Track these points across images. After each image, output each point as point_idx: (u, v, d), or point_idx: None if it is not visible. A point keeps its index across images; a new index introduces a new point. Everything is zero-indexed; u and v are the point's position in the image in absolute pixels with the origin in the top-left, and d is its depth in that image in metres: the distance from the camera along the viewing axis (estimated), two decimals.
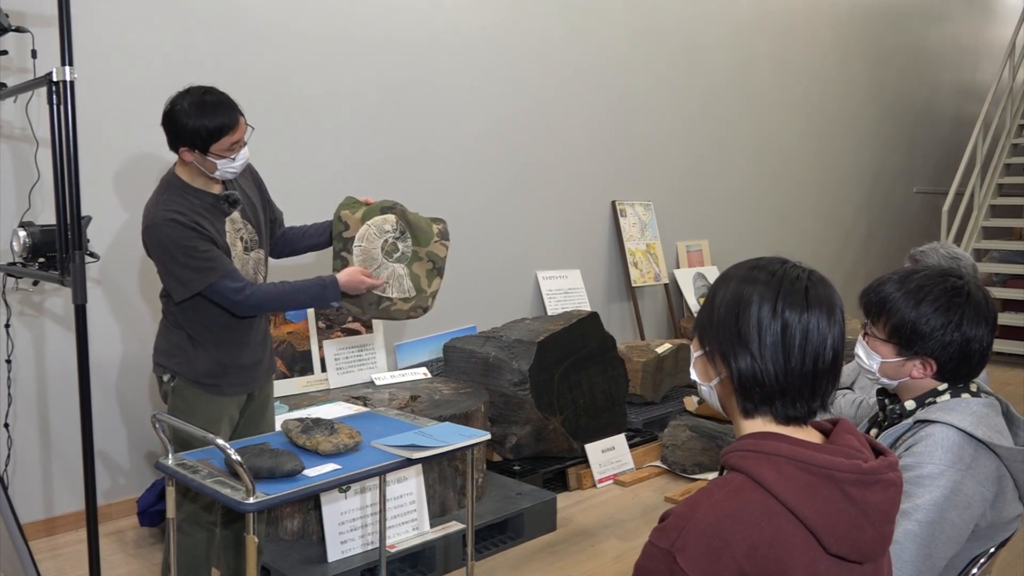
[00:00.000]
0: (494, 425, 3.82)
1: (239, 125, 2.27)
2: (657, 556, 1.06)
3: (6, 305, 3.07)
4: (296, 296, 2.39)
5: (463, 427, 2.33)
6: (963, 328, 1.59)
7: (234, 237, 2.38)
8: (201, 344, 2.37)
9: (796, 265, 1.16)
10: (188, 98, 2.24)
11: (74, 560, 3.13)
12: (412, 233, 2.66)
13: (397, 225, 2.65)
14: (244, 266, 2.39)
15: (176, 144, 2.27)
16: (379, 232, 2.61)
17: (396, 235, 2.64)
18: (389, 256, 2.60)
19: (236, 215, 2.39)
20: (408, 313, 2.66)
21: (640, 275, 5.51)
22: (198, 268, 2.24)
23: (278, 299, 2.37)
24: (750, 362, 1.11)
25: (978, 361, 1.62)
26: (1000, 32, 9.60)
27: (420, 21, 4.38)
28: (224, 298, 2.28)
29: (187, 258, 2.24)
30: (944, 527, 1.48)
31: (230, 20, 3.70)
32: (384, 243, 2.60)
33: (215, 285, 2.25)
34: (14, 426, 3.21)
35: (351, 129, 4.16)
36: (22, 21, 2.98)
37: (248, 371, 2.45)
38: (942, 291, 1.61)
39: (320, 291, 2.41)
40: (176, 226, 2.23)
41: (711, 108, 6.15)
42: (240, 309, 2.31)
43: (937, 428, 1.55)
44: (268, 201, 2.59)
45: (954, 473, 1.50)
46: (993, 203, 7.82)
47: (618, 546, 3.30)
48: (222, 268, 2.26)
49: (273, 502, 1.81)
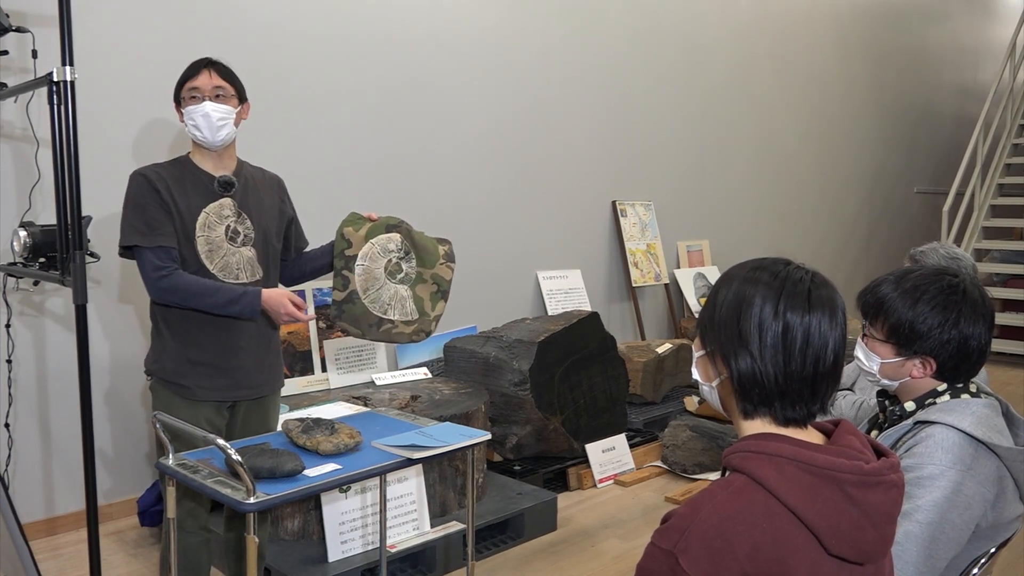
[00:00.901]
0: (494, 425, 3.82)
1: (200, 73, 2.32)
2: (659, 557, 1.06)
3: (7, 305, 3.08)
4: (210, 296, 2.24)
5: (463, 427, 2.32)
6: (961, 326, 1.59)
7: (216, 221, 2.31)
8: (167, 338, 2.33)
9: (799, 266, 1.16)
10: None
11: (75, 560, 3.13)
12: (417, 254, 2.56)
13: (402, 245, 2.55)
14: (228, 258, 2.32)
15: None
16: (383, 251, 2.51)
17: (400, 255, 2.54)
18: (392, 277, 2.50)
19: (227, 201, 2.34)
20: (410, 337, 2.54)
21: (640, 275, 5.51)
22: (135, 226, 2.25)
23: (191, 292, 2.23)
24: (750, 363, 1.11)
25: (977, 359, 1.62)
26: (1000, 32, 9.60)
27: (420, 21, 4.38)
28: (143, 271, 2.26)
29: (133, 214, 2.26)
30: (945, 528, 1.48)
31: (231, 20, 3.70)
32: (388, 263, 2.50)
33: (142, 253, 2.25)
34: (15, 426, 3.21)
35: (351, 129, 4.16)
36: (23, 21, 2.98)
37: (227, 376, 2.34)
38: (938, 289, 1.61)
39: (237, 296, 2.25)
40: (143, 181, 2.27)
41: (711, 108, 6.15)
42: (151, 287, 2.26)
43: (937, 429, 1.55)
44: (291, 220, 2.54)
45: (955, 474, 1.50)
46: (994, 203, 7.82)
47: (618, 546, 3.30)
48: (156, 239, 2.24)
49: (273, 502, 1.80)
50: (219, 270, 2.32)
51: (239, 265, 2.36)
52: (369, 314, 2.50)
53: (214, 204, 2.32)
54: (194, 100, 2.30)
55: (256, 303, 2.27)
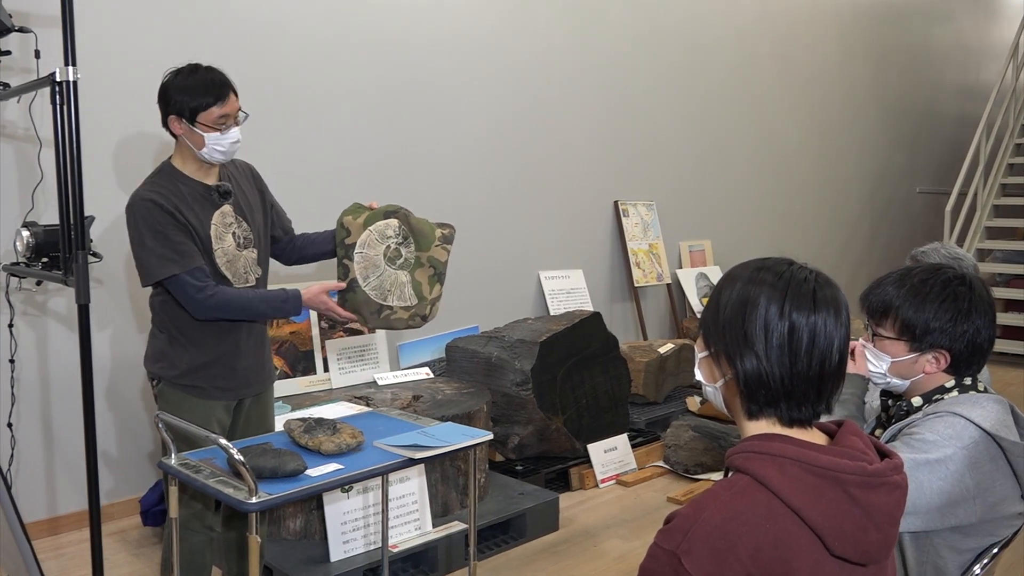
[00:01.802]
0: (496, 425, 3.82)
1: (229, 98, 2.24)
2: (662, 558, 1.06)
3: (9, 305, 3.08)
4: (257, 306, 2.30)
5: (465, 427, 2.33)
6: (972, 316, 1.61)
7: (223, 230, 2.31)
8: (182, 345, 2.32)
9: (803, 266, 1.16)
10: (183, 69, 2.26)
11: (77, 560, 3.13)
12: (415, 238, 2.55)
13: (400, 230, 2.53)
14: (235, 263, 2.33)
15: (166, 114, 2.25)
16: (381, 237, 2.50)
17: (399, 240, 2.52)
18: (392, 263, 2.48)
19: (227, 208, 2.33)
20: (407, 322, 2.54)
21: (642, 275, 5.51)
22: (164, 256, 2.19)
23: (239, 305, 2.27)
24: (756, 363, 1.11)
25: (987, 348, 1.65)
26: (1003, 32, 9.59)
27: (421, 22, 4.38)
28: (185, 294, 2.22)
29: (155, 243, 2.19)
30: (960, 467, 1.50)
31: (232, 21, 3.71)
32: (387, 249, 2.48)
33: (178, 278, 2.20)
34: (17, 426, 3.22)
35: (353, 129, 4.16)
36: (25, 21, 2.98)
37: (237, 375, 2.38)
38: (944, 282, 1.63)
39: (281, 303, 2.31)
40: (154, 208, 2.19)
41: (713, 108, 6.15)
42: (198, 309, 2.23)
43: (943, 414, 1.57)
44: (271, 205, 2.53)
45: (948, 446, 1.52)
46: (996, 203, 7.81)
47: (620, 546, 3.30)
48: (189, 262, 2.21)
49: (275, 502, 1.81)
50: (233, 276, 2.34)
51: (246, 268, 2.39)
52: (370, 301, 2.48)
53: (216, 213, 2.32)
54: (224, 127, 2.24)
55: (299, 304, 2.33)
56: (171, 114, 2.24)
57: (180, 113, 2.23)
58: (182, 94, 2.22)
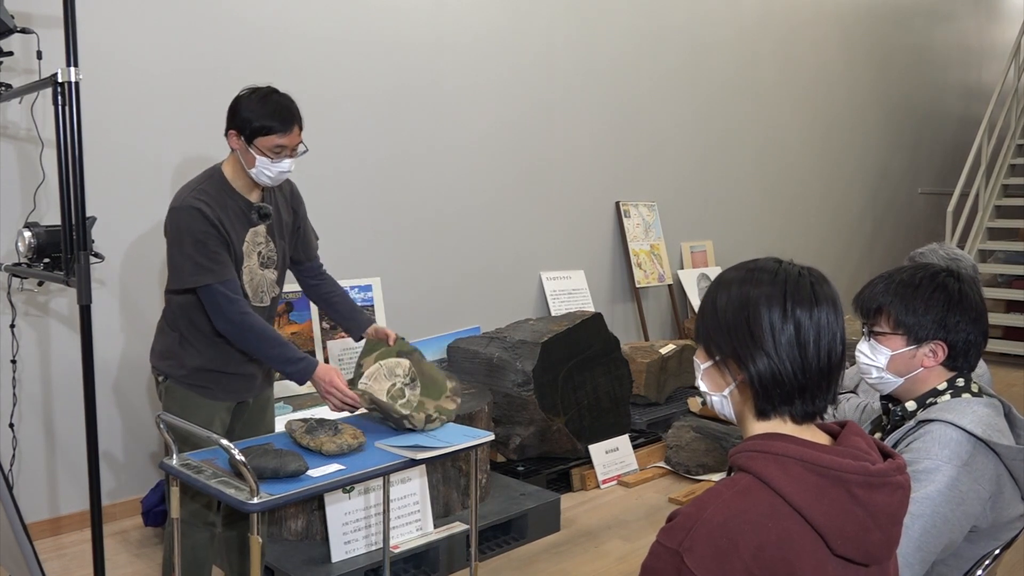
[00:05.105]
0: (498, 426, 3.82)
1: (292, 131, 2.26)
2: (664, 556, 1.06)
3: (11, 305, 3.08)
4: (272, 348, 2.29)
5: (467, 428, 2.33)
6: (964, 306, 1.62)
7: (252, 248, 2.35)
8: (194, 346, 2.34)
9: (792, 264, 1.17)
10: (260, 90, 2.29)
11: (79, 560, 3.13)
12: (423, 382, 2.51)
13: (409, 371, 2.50)
14: (255, 281, 2.37)
15: (229, 126, 2.29)
16: (389, 374, 2.48)
17: (406, 381, 2.49)
18: (394, 401, 2.42)
19: (261, 228, 2.37)
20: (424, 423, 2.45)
21: (644, 276, 5.51)
22: (201, 264, 2.22)
23: (258, 338, 2.28)
24: (767, 363, 1.11)
25: (982, 341, 1.66)
26: (1005, 33, 9.58)
27: (425, 23, 4.38)
28: (215, 304, 2.23)
29: (194, 250, 2.21)
30: (936, 521, 1.49)
31: (235, 22, 3.71)
32: (391, 387, 2.45)
33: (211, 288, 2.22)
34: (19, 426, 3.22)
35: (356, 131, 4.16)
36: (27, 22, 2.98)
37: (243, 380, 2.42)
38: (932, 275, 1.66)
39: (293, 363, 2.29)
40: (199, 216, 2.21)
41: (716, 109, 6.15)
42: (224, 321, 2.25)
43: (936, 425, 1.56)
44: (299, 228, 2.53)
45: (950, 468, 1.51)
46: (998, 204, 7.81)
47: (622, 547, 3.30)
48: (224, 275, 2.24)
49: (277, 502, 1.81)
50: (252, 294, 2.37)
51: (263, 287, 2.42)
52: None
53: (251, 232, 2.35)
54: (277, 156, 2.26)
55: (309, 374, 2.32)
56: (233, 128, 2.27)
57: (241, 130, 2.25)
58: (249, 113, 2.24)
